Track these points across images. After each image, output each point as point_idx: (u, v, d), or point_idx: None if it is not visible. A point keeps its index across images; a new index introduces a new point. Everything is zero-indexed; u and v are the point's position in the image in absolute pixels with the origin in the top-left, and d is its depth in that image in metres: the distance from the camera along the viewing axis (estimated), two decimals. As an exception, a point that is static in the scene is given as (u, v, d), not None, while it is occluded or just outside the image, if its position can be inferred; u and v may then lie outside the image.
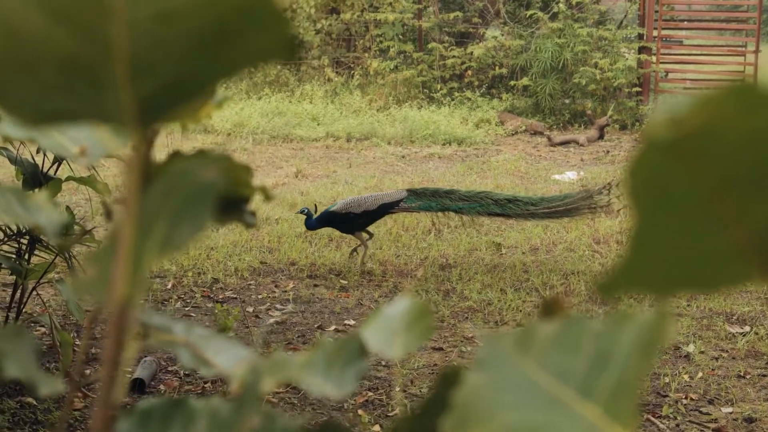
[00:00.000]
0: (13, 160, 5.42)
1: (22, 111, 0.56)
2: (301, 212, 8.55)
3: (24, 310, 6.73)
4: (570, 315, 0.54)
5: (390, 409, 5.64)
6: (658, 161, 0.44)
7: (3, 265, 5.45)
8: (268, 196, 0.98)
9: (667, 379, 6.16)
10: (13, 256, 5.48)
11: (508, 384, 0.52)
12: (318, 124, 17.18)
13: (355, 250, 8.71)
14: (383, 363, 6.27)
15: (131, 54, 0.52)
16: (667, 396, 5.96)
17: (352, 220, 8.48)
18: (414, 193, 8.72)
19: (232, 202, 0.97)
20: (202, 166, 0.60)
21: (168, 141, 15.40)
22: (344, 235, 9.48)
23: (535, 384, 0.52)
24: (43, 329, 6.52)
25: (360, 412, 5.56)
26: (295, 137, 16.43)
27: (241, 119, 16.87)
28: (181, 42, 0.52)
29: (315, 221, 8.44)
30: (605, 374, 0.51)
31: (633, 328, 0.50)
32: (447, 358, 6.45)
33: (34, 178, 5.62)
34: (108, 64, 0.52)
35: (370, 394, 5.82)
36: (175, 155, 0.94)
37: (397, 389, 5.89)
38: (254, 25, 0.53)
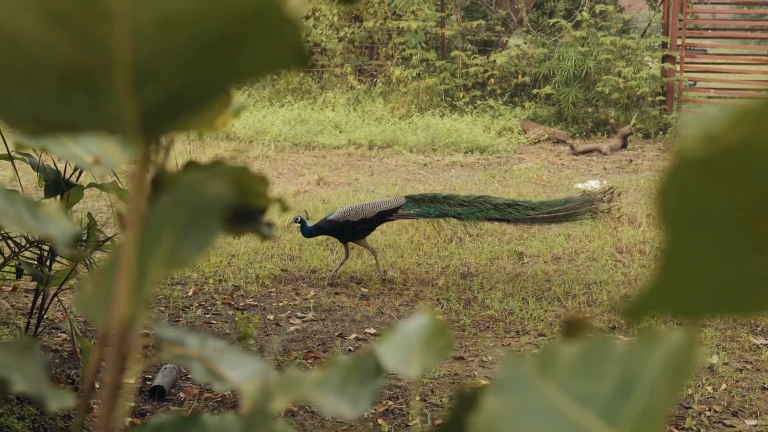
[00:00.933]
0: (36, 167, 5.42)
1: (20, 121, 0.54)
2: (295, 221, 8.46)
3: (46, 317, 6.75)
4: (593, 335, 0.51)
5: (410, 419, 5.61)
6: (691, 179, 0.41)
7: (25, 272, 5.46)
8: (284, 208, 0.96)
9: (690, 391, 6.10)
10: (35, 262, 5.49)
11: (528, 409, 0.50)
12: (340, 132, 17.18)
13: (378, 266, 8.60)
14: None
15: (133, 62, 0.50)
16: (690, 408, 5.90)
17: (350, 228, 8.38)
18: (412, 200, 8.63)
19: (248, 213, 0.95)
20: (209, 179, 0.58)
21: (189, 149, 15.44)
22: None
23: (556, 409, 0.50)
24: (64, 335, 6.53)
25: (380, 421, 5.54)
26: (317, 145, 16.43)
27: (263, 126, 16.89)
28: (186, 49, 0.50)
29: (312, 228, 8.33)
30: (631, 400, 0.48)
31: (660, 352, 0.48)
32: (468, 368, 6.41)
33: (56, 184, 5.62)
34: (109, 73, 0.50)
35: (390, 403, 5.79)
36: (190, 165, 0.92)
37: (417, 399, 5.86)
38: (261, 32, 0.50)
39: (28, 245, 5.41)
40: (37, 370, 0.74)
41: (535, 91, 19.79)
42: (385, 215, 8.56)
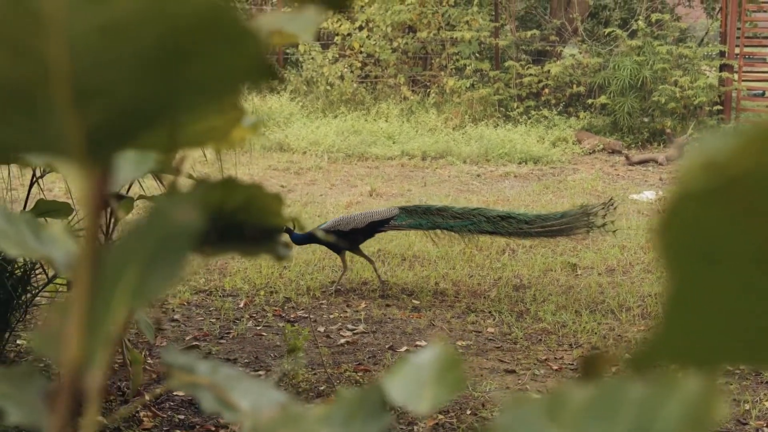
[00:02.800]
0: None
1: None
2: (286, 231, 8.37)
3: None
4: (608, 377, 0.46)
5: (460, 433, 5.54)
6: (699, 212, 0.36)
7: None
8: (300, 227, 0.91)
9: (747, 406, 5.97)
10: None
11: (533, 458, 0.45)
12: (393, 143, 17.16)
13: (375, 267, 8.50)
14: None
15: (73, 75, 0.46)
16: (747, 424, 5.77)
17: (340, 238, 8.26)
18: (405, 211, 8.52)
19: (264, 232, 0.91)
20: (179, 204, 0.54)
21: (242, 160, 15.50)
22: (417, 254, 9.42)
23: (563, 459, 0.45)
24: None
25: (430, 435, 5.48)
26: (370, 155, 16.41)
27: (316, 137, 16.90)
28: (132, 61, 0.46)
29: (302, 237, 8.16)
30: (644, 453, 0.43)
31: (678, 401, 0.43)
32: (519, 381, 6.33)
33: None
34: (47, 88, 0.46)
35: (441, 417, 5.73)
36: (199, 183, 0.88)
37: (468, 413, 5.79)
38: (216, 43, 0.46)
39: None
40: (34, 400, 0.70)
41: (590, 100, 19.63)
42: (376, 226, 8.44)
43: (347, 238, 8.26)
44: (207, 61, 0.47)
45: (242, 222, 0.90)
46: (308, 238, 8.14)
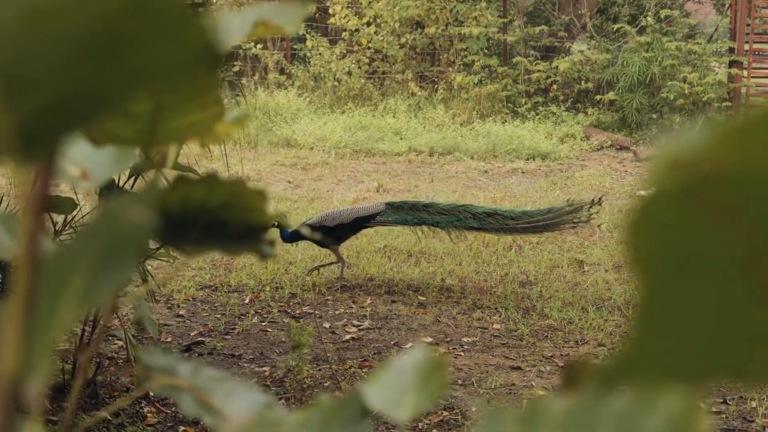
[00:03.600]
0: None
1: None
2: (276, 227, 8.30)
3: (102, 323, 6.77)
4: (589, 389, 0.43)
5: (465, 430, 5.51)
6: (668, 215, 0.33)
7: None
8: (285, 225, 0.89)
9: (754, 404, 5.94)
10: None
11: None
12: (401, 139, 17.12)
13: (316, 268, 8.45)
14: (459, 382, 6.16)
15: (-2, 66, 0.43)
16: (753, 422, 5.74)
17: (326, 234, 8.22)
18: (392, 207, 8.48)
19: (249, 230, 0.88)
20: (130, 204, 0.51)
21: (253, 155, 15.49)
22: (423, 250, 9.39)
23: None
24: (120, 342, 6.52)
25: (434, 432, 5.45)
26: (377, 151, 16.39)
27: (324, 133, 16.88)
28: (62, 50, 0.43)
29: (290, 234, 8.11)
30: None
31: (659, 417, 0.40)
32: (525, 378, 6.30)
33: (110, 191, 5.62)
34: (-31, 80, 0.43)
35: (446, 413, 5.70)
36: (179, 180, 0.85)
37: (474, 409, 5.76)
38: (152, 30, 0.43)
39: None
40: None
41: (598, 97, 19.58)
42: (362, 222, 8.41)
43: (333, 233, 8.23)
44: (147, 49, 0.44)
45: (227, 219, 0.87)
46: (296, 236, 8.11)
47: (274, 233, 8.43)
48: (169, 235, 0.87)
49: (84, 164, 0.86)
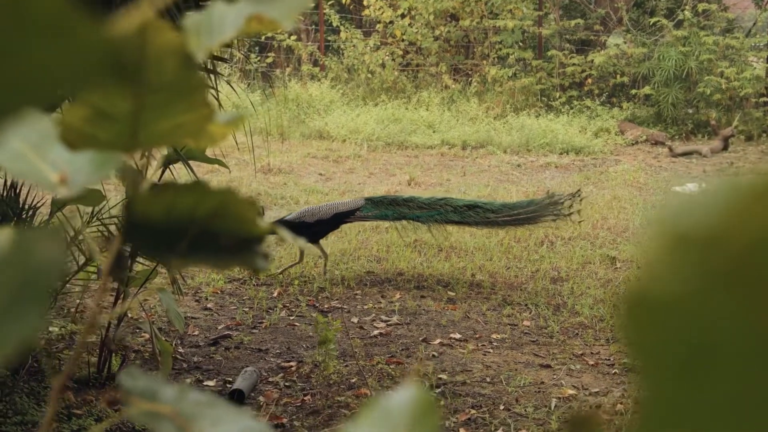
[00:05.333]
0: (123, 171, 5.37)
1: None
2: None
3: (130, 316, 6.75)
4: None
5: (493, 428, 5.44)
6: (683, 303, 0.26)
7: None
8: (281, 239, 0.83)
9: None
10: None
11: None
12: (434, 132, 17.04)
13: (285, 270, 8.38)
14: (488, 380, 6.08)
15: None
16: None
17: (305, 230, 8.14)
18: (372, 202, 8.40)
19: (242, 241, 0.82)
20: (41, 240, 0.44)
21: (286, 147, 15.45)
22: (454, 245, 9.31)
23: None
24: (147, 335, 6.50)
25: (461, 430, 5.38)
26: (410, 144, 16.31)
27: (356, 125, 16.81)
28: None
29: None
30: None
31: None
32: (555, 376, 6.21)
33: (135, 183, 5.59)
34: None
35: (473, 411, 5.62)
36: (162, 187, 0.79)
37: (501, 408, 5.68)
38: (37, 35, 0.37)
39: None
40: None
41: (633, 91, 19.40)
42: (342, 217, 8.34)
43: (313, 229, 8.17)
44: (29, 56, 0.37)
45: (217, 230, 0.81)
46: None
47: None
48: (153, 247, 0.81)
49: (63, 169, 0.80)
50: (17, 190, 5.50)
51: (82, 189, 0.80)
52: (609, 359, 6.54)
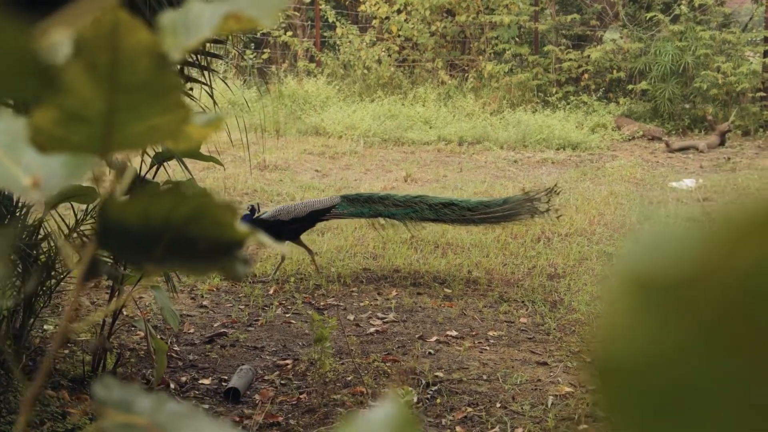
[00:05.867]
0: (110, 163, 5.34)
1: None
2: (249, 209, 8.18)
3: (125, 314, 6.71)
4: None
5: (490, 426, 5.42)
6: (652, 348, 0.24)
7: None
8: (261, 244, 0.80)
9: None
10: (110, 260, 5.43)
11: None
12: (430, 128, 17.01)
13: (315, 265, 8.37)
14: (484, 377, 6.06)
15: None
16: None
17: (281, 228, 8.11)
18: (347, 199, 8.38)
19: (219, 247, 0.79)
20: None
21: (282, 143, 15.41)
22: (450, 242, 9.29)
23: None
24: (142, 333, 6.47)
25: (458, 428, 5.36)
26: (406, 140, 16.29)
27: (353, 122, 16.78)
28: None
29: (249, 224, 8.04)
30: None
31: None
32: (551, 374, 6.19)
33: (131, 182, 5.56)
34: None
35: (470, 409, 5.60)
36: (140, 192, 0.76)
37: (498, 405, 5.66)
38: None
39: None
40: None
41: (630, 86, 19.39)
42: (317, 215, 8.32)
43: (288, 227, 8.14)
44: None
45: (194, 235, 0.78)
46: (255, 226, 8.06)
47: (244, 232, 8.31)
48: (128, 253, 0.78)
49: (36, 173, 0.78)
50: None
51: (55, 193, 0.78)
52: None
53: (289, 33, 21.26)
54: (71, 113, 0.70)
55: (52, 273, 5.60)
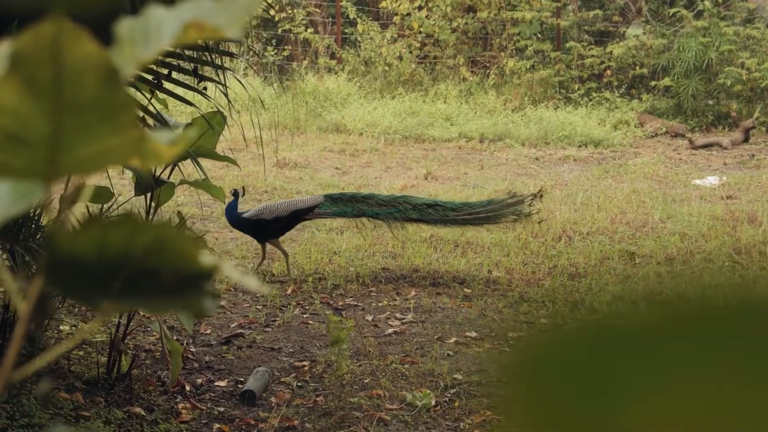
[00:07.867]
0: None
1: None
2: (233, 194, 8.09)
3: (141, 314, 6.66)
4: None
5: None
6: None
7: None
8: (231, 276, 0.73)
9: None
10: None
11: None
12: (451, 125, 16.90)
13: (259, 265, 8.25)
14: (504, 380, 5.96)
15: None
16: None
17: (263, 227, 8.06)
18: (330, 199, 8.32)
19: (184, 279, 0.71)
20: None
21: (302, 140, 15.35)
22: (470, 241, 9.20)
23: None
24: (156, 335, 6.42)
25: (476, 432, 5.28)
26: (427, 137, 16.19)
27: (373, 119, 16.69)
28: None
29: (237, 219, 8.05)
30: None
31: None
32: (572, 377, 6.09)
33: (147, 182, 5.51)
34: None
35: (489, 413, 5.52)
36: (92, 222, 0.69)
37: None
38: None
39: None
40: None
41: (653, 83, 19.21)
42: (300, 214, 8.25)
43: (271, 227, 8.08)
44: None
45: (156, 267, 0.70)
46: (240, 224, 8.10)
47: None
48: (81, 289, 0.70)
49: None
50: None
51: (5, 219, 0.70)
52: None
53: (310, 30, 21.20)
54: (9, 135, 0.63)
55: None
